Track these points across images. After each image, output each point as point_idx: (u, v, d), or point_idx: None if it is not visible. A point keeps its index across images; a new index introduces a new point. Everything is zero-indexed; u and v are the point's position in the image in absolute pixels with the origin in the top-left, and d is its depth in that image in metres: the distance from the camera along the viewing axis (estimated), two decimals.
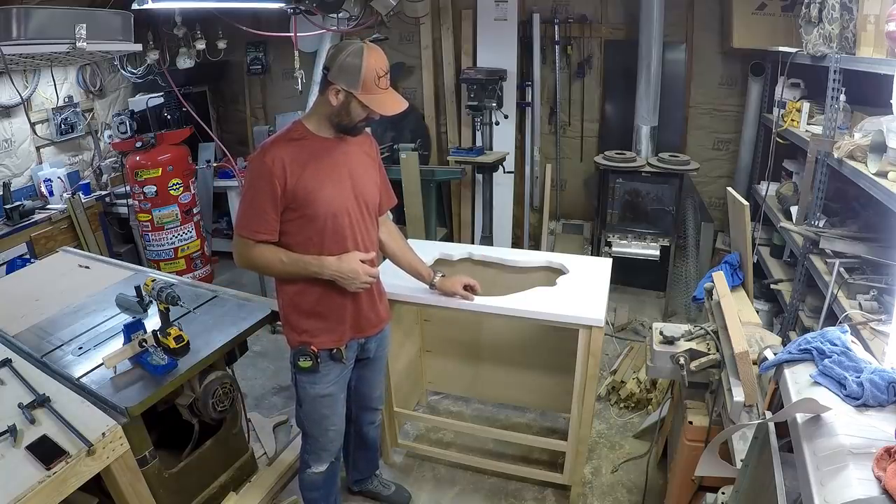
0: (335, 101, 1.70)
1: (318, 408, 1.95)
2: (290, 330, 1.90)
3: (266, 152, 1.73)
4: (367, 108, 1.71)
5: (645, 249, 3.78)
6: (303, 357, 1.85)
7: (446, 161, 4.60)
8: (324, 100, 1.73)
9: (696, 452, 1.75)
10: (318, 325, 1.87)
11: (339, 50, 1.69)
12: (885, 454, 0.96)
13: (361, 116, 1.74)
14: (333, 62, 1.68)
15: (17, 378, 1.80)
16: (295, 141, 1.76)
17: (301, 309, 1.86)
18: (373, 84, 1.69)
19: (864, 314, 2.08)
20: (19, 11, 2.55)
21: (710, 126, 4.23)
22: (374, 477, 2.47)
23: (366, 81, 1.67)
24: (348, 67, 1.66)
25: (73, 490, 1.51)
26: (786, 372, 1.32)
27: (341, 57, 1.67)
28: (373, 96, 1.70)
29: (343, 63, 1.67)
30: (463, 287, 2.17)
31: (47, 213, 3.78)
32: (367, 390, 2.18)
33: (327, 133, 1.79)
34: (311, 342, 1.86)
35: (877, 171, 1.95)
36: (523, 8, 4.27)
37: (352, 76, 1.67)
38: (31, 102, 3.90)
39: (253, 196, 1.73)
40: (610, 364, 3.28)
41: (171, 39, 4.11)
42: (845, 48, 2.38)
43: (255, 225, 1.74)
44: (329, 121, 1.76)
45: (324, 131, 1.78)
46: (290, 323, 1.89)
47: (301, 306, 1.86)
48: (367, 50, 1.68)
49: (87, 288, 2.48)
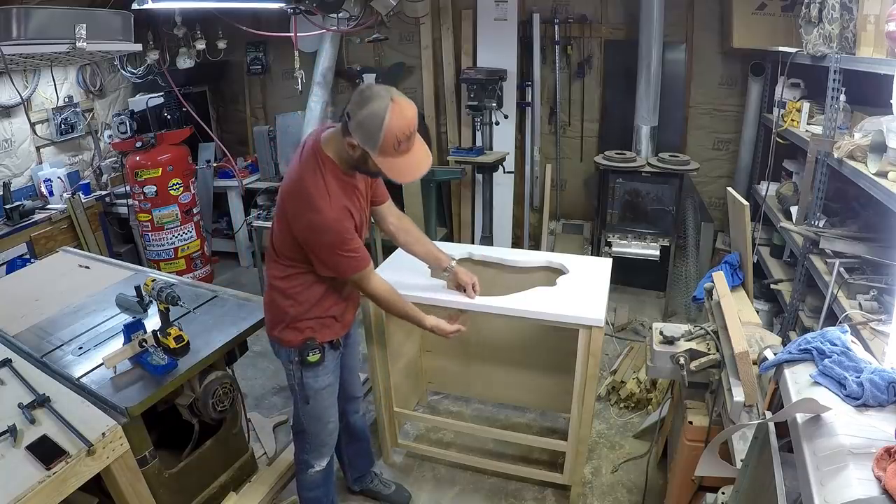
0: (352, 152, 1.65)
1: (322, 400, 1.98)
2: (290, 330, 1.89)
3: (324, 197, 1.67)
4: (379, 169, 1.66)
5: (645, 249, 3.78)
6: (312, 351, 1.87)
7: (446, 161, 4.59)
8: (344, 143, 1.66)
9: (696, 452, 1.75)
10: (322, 320, 1.90)
11: (364, 100, 1.58)
12: (885, 454, 0.96)
13: (379, 173, 1.72)
14: (354, 114, 1.59)
15: (17, 378, 1.80)
16: (340, 182, 1.73)
17: (306, 307, 1.87)
18: (392, 149, 1.60)
19: (864, 314, 2.09)
20: (19, 11, 2.55)
21: (710, 126, 4.23)
22: (374, 476, 2.47)
23: (384, 146, 1.59)
24: (367, 127, 1.57)
25: (73, 490, 1.51)
26: (786, 372, 1.32)
27: (362, 112, 1.57)
28: (391, 161, 1.62)
29: (363, 121, 1.57)
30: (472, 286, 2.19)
31: (47, 213, 3.78)
32: (348, 375, 2.20)
33: (348, 169, 1.76)
34: (316, 336, 1.88)
35: (877, 171, 1.95)
36: (523, 8, 4.27)
37: (370, 137, 1.58)
38: (31, 102, 3.90)
39: (344, 236, 1.71)
40: (610, 364, 3.28)
41: (171, 39, 4.11)
42: (845, 48, 2.38)
43: (364, 253, 1.78)
44: (348, 163, 1.73)
45: (345, 167, 1.75)
46: (290, 323, 1.88)
47: (306, 305, 1.87)
48: (392, 110, 1.55)
49: (87, 288, 2.48)
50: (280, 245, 1.83)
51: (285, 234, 1.79)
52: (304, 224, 1.70)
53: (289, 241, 1.78)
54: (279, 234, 1.82)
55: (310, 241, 1.73)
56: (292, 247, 1.79)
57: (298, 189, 1.71)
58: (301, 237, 1.74)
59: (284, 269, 1.84)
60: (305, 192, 1.69)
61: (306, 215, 1.69)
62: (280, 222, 1.81)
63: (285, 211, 1.76)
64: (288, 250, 1.81)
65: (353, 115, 1.59)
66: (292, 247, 1.79)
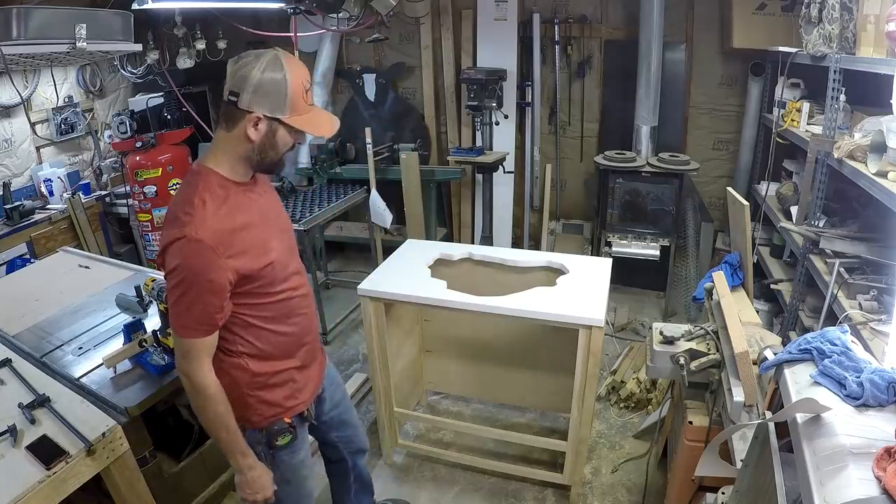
0: (255, 133, 1.36)
1: (301, 475, 1.72)
2: (252, 412, 1.56)
3: (199, 228, 1.32)
4: (298, 132, 1.40)
5: (645, 249, 3.78)
6: (281, 435, 1.60)
7: (446, 161, 4.60)
8: (237, 136, 1.37)
9: (696, 452, 1.75)
10: (285, 392, 1.61)
11: (246, 66, 1.32)
12: (885, 454, 0.96)
13: (289, 145, 1.43)
14: (244, 85, 1.31)
15: (17, 378, 1.80)
16: (220, 200, 1.38)
17: (267, 384, 1.57)
18: (302, 102, 1.37)
19: (864, 314, 2.09)
20: (19, 11, 2.55)
21: (710, 126, 4.23)
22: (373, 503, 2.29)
23: (295, 102, 1.35)
24: (268, 86, 1.32)
25: (73, 490, 1.51)
26: (786, 372, 1.31)
27: (254, 76, 1.31)
28: (306, 117, 1.39)
29: (259, 83, 1.31)
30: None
31: (47, 213, 3.77)
32: (351, 432, 1.99)
33: (243, 176, 1.44)
34: (282, 414, 1.60)
35: (877, 171, 1.95)
36: (523, 8, 4.27)
37: (277, 99, 1.33)
38: (31, 102, 3.90)
39: (200, 294, 1.34)
40: (610, 364, 3.28)
41: (171, 39, 4.11)
42: (845, 48, 2.38)
43: (210, 314, 1.37)
44: (247, 161, 1.42)
45: (239, 174, 1.43)
46: (251, 405, 1.56)
47: (268, 382, 1.57)
48: (287, 59, 1.34)
49: (87, 288, 2.48)
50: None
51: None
52: (163, 250, 1.36)
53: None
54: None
55: (166, 275, 1.37)
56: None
57: (167, 218, 1.41)
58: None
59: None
60: (171, 212, 1.39)
61: (167, 235, 1.35)
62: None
63: (162, 262, 1.38)
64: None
65: (241, 89, 1.32)
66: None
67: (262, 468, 1.57)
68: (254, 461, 1.55)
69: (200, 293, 1.34)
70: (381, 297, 2.29)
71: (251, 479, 1.54)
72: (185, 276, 1.33)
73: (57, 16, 2.71)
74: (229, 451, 1.51)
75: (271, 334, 1.54)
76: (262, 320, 1.51)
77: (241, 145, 1.39)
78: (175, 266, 1.33)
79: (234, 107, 1.34)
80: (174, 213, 1.38)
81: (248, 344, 1.52)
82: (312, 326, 1.70)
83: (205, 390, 1.42)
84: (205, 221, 1.33)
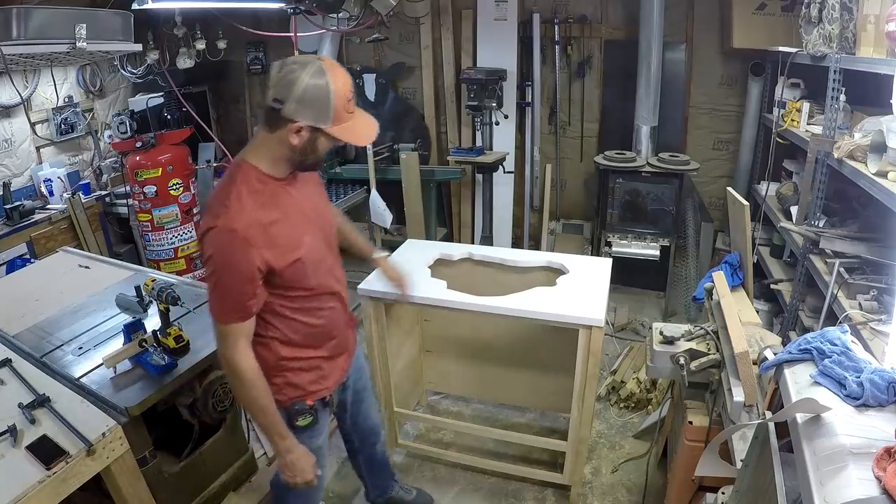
0: (297, 139, 1.40)
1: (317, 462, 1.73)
2: (276, 392, 1.59)
3: (232, 220, 1.38)
4: (338, 140, 1.44)
5: (645, 249, 3.78)
6: (301, 416, 1.65)
7: (446, 161, 4.60)
8: (278, 139, 1.42)
9: (696, 452, 1.75)
10: (310, 377, 1.67)
11: (291, 74, 1.35)
12: (885, 454, 0.96)
13: (328, 149, 1.49)
14: (288, 94, 1.35)
15: (17, 378, 1.80)
16: (258, 194, 1.44)
17: (293, 368, 1.64)
18: (344, 112, 1.41)
19: (864, 314, 2.09)
20: (19, 11, 2.55)
21: (710, 126, 4.23)
22: (395, 482, 2.39)
23: (337, 112, 1.38)
24: (313, 98, 1.35)
25: (73, 490, 1.51)
26: (786, 372, 1.32)
27: (298, 86, 1.34)
28: (347, 126, 1.43)
29: (303, 94, 1.35)
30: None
31: (47, 213, 3.77)
32: (363, 421, 2.08)
33: (282, 172, 1.50)
34: (304, 397, 1.66)
35: (877, 171, 1.95)
36: (523, 8, 4.27)
37: (321, 109, 1.37)
38: (31, 102, 3.90)
39: (233, 281, 1.41)
40: (610, 364, 3.28)
41: (171, 39, 4.12)
42: (845, 48, 2.38)
43: (244, 302, 1.44)
44: (288, 162, 1.48)
45: (279, 171, 1.49)
46: (276, 385, 1.61)
47: (295, 366, 1.64)
48: (331, 68, 1.37)
49: (87, 288, 2.47)
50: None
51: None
52: (200, 239, 1.44)
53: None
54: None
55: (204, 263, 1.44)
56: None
57: (205, 208, 1.50)
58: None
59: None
60: (209, 204, 1.47)
61: (203, 225, 1.43)
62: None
63: (201, 251, 1.47)
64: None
65: (285, 98, 1.35)
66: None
67: (303, 451, 1.62)
68: (292, 444, 1.59)
69: (233, 281, 1.42)
70: (381, 297, 2.29)
71: (290, 462, 1.59)
72: (217, 265, 1.41)
73: (57, 16, 2.71)
74: (267, 433, 1.57)
75: (300, 324, 1.61)
76: (291, 310, 1.58)
77: (282, 148, 1.44)
78: (210, 255, 1.41)
79: (278, 113, 1.38)
80: (212, 205, 1.45)
81: (278, 330, 1.59)
82: (342, 321, 1.75)
83: (242, 374, 1.47)
84: (239, 213, 1.40)
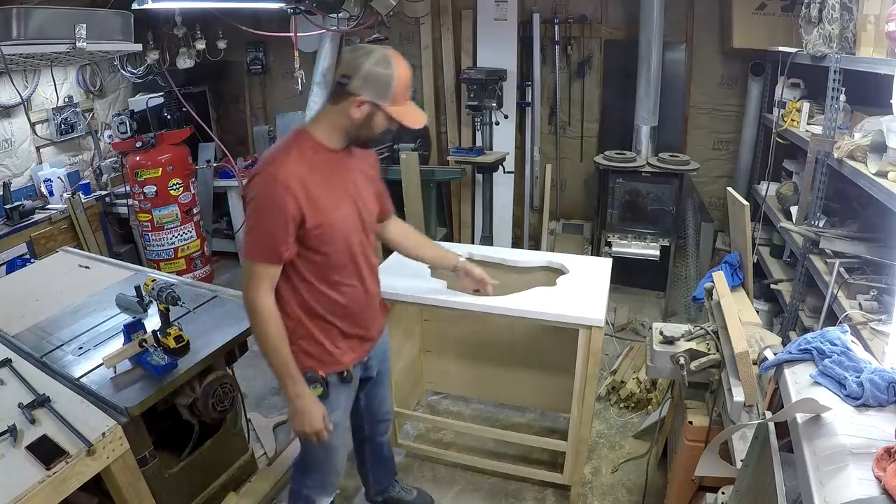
0: (357, 113, 1.54)
1: (331, 441, 1.77)
2: (294, 350, 1.66)
3: (279, 168, 1.52)
4: (393, 120, 1.58)
5: (645, 249, 3.78)
6: (313, 385, 1.67)
7: (446, 161, 4.60)
8: (340, 111, 1.56)
9: (696, 452, 1.75)
10: (325, 349, 1.71)
11: (361, 56, 1.52)
12: (885, 454, 0.96)
13: (383, 129, 1.61)
14: (356, 71, 1.51)
15: (17, 378, 1.80)
16: (308, 156, 1.58)
17: (309, 336, 1.69)
18: (401, 97, 1.56)
19: (864, 314, 2.08)
20: (19, 11, 2.55)
21: (710, 126, 4.23)
22: (395, 483, 2.39)
23: (396, 94, 1.54)
24: (377, 78, 1.51)
25: (73, 490, 1.51)
26: (786, 372, 1.32)
27: (366, 65, 1.50)
28: (402, 109, 1.57)
29: (370, 72, 1.51)
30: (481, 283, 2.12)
31: (47, 213, 3.77)
32: (377, 406, 2.11)
33: (337, 144, 1.63)
34: (317, 367, 1.69)
35: (877, 171, 1.95)
36: (523, 8, 4.27)
37: (381, 88, 1.52)
38: (31, 102, 3.90)
39: (267, 221, 1.52)
40: (610, 364, 3.28)
41: (171, 39, 4.11)
42: (845, 48, 2.38)
43: (276, 246, 1.54)
44: (345, 133, 1.61)
45: (334, 143, 1.63)
46: (291, 351, 1.65)
47: (311, 335, 1.69)
48: (395, 58, 1.54)
49: (87, 288, 2.47)
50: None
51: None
52: (247, 184, 1.57)
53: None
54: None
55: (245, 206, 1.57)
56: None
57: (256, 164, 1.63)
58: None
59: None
60: (260, 159, 1.61)
61: (252, 172, 1.57)
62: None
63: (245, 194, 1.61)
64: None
65: (353, 74, 1.51)
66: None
67: (313, 400, 1.65)
68: (303, 390, 1.63)
69: (269, 223, 1.52)
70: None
71: (300, 409, 1.63)
72: (258, 206, 1.53)
73: (57, 16, 2.71)
74: (279, 376, 1.62)
75: (321, 295, 1.67)
76: (315, 278, 1.65)
77: (343, 119, 1.58)
78: (252, 196, 1.54)
79: (344, 88, 1.53)
80: (263, 158, 1.60)
81: (300, 296, 1.66)
82: (364, 303, 1.78)
83: (260, 311, 1.57)
84: (285, 165, 1.54)
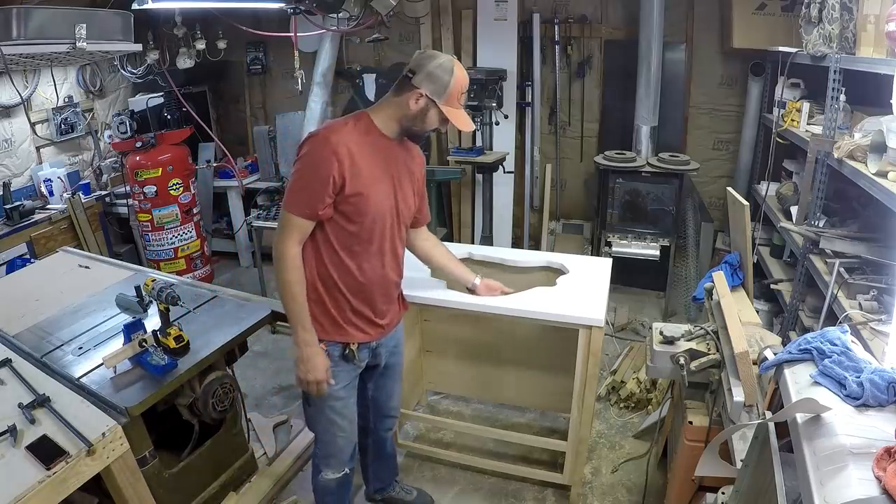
0: (414, 105, 1.70)
1: (327, 412, 1.89)
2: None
3: (332, 133, 1.67)
4: (444, 119, 1.73)
5: (645, 249, 3.78)
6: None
7: (446, 161, 4.59)
8: (400, 101, 1.73)
9: (696, 452, 1.75)
10: (335, 320, 1.81)
11: (429, 57, 1.72)
12: (885, 454, 0.96)
13: (434, 125, 1.76)
14: (421, 68, 1.69)
15: (17, 378, 1.80)
16: (362, 132, 1.72)
17: (321, 301, 1.79)
18: (456, 99, 1.72)
19: (864, 314, 2.08)
20: (19, 11, 2.55)
21: (710, 126, 4.23)
22: (395, 483, 2.41)
23: (451, 94, 1.70)
24: (438, 76, 1.68)
25: (73, 490, 1.51)
26: (786, 372, 1.32)
27: (431, 65, 1.69)
28: (453, 110, 1.73)
29: (432, 71, 1.68)
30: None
31: (47, 213, 3.77)
32: (384, 398, 2.15)
33: (391, 132, 1.77)
34: (320, 333, 1.78)
35: (877, 171, 1.95)
36: (523, 8, 4.27)
37: (439, 85, 1.68)
38: (31, 102, 3.90)
39: (311, 178, 1.65)
40: (610, 364, 3.28)
41: (171, 39, 4.12)
42: (845, 48, 2.38)
43: (314, 202, 1.66)
44: (399, 123, 1.75)
45: (389, 130, 1.76)
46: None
47: (323, 301, 1.79)
48: (457, 66, 1.72)
49: (87, 288, 2.47)
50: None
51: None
52: (300, 145, 1.70)
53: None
54: None
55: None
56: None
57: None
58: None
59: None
60: (322, 126, 1.76)
61: (308, 134, 1.73)
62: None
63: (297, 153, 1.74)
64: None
65: (418, 70, 1.69)
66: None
67: (320, 351, 1.76)
68: (312, 338, 1.75)
69: (313, 178, 1.65)
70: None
71: (306, 356, 1.74)
72: (306, 162, 1.66)
73: (57, 16, 2.71)
74: (292, 322, 1.75)
75: (340, 263, 1.77)
76: (339, 244, 1.75)
77: (401, 109, 1.74)
78: (303, 153, 1.68)
79: (408, 81, 1.71)
80: (324, 124, 1.76)
81: (322, 263, 1.76)
82: (382, 289, 1.87)
83: (286, 259, 1.70)
84: (338, 132, 1.68)
